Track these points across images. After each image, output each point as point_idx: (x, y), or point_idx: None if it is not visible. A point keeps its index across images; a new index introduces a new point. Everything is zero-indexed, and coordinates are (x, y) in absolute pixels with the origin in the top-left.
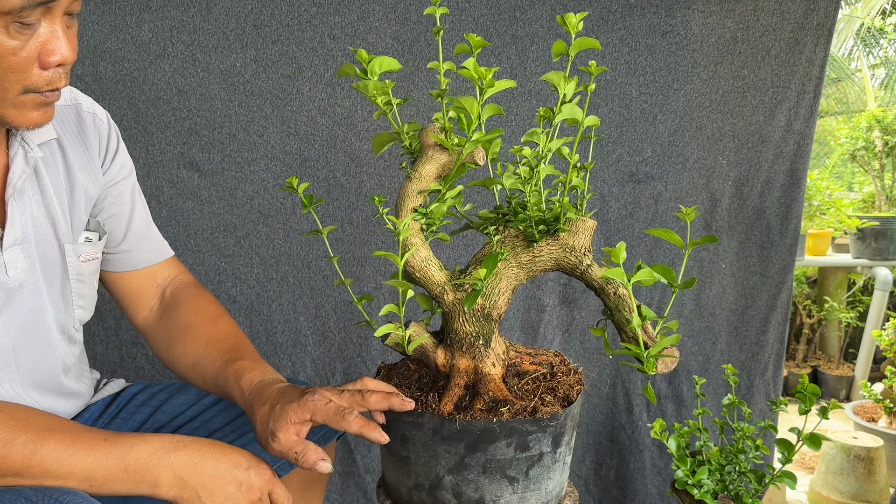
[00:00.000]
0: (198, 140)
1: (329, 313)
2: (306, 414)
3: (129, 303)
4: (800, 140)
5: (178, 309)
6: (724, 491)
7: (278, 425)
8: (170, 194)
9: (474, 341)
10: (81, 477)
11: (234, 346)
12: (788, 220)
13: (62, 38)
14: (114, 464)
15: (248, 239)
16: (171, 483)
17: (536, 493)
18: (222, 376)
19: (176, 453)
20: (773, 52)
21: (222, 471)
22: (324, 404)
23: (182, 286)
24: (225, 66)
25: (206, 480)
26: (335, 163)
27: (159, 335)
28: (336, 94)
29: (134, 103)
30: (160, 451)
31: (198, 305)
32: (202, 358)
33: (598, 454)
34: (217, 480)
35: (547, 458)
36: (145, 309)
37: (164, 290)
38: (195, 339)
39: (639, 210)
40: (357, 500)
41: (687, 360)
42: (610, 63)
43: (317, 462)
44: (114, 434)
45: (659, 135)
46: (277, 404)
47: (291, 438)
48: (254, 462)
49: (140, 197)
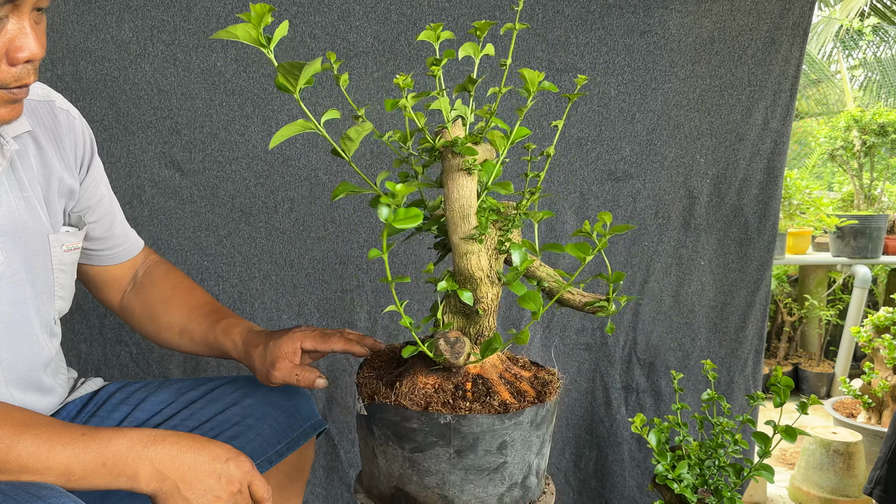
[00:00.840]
0: (179, 139)
1: (312, 311)
2: (296, 343)
3: (106, 290)
4: (777, 138)
5: (154, 285)
6: (703, 485)
7: (275, 357)
8: (151, 193)
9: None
10: (59, 472)
11: (215, 308)
12: (766, 217)
13: (30, 35)
14: (92, 458)
15: (230, 238)
16: (151, 476)
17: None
18: (212, 335)
19: (154, 446)
20: (749, 52)
21: (201, 463)
22: (310, 331)
23: (153, 264)
24: (206, 66)
25: (186, 473)
26: (317, 161)
27: (139, 311)
28: (317, 92)
29: (115, 103)
30: (138, 445)
31: (173, 280)
32: (188, 323)
33: (577, 447)
34: (196, 473)
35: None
36: (121, 291)
37: (136, 271)
38: (177, 308)
39: (618, 208)
40: (340, 493)
41: (666, 356)
42: (588, 63)
43: (315, 380)
44: (91, 429)
45: (637, 133)
46: (270, 341)
47: (288, 366)
48: (233, 454)
49: (112, 192)
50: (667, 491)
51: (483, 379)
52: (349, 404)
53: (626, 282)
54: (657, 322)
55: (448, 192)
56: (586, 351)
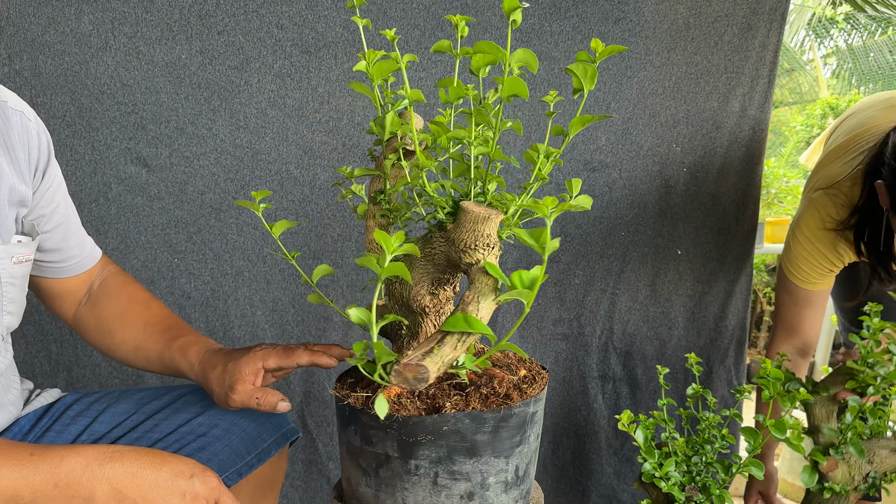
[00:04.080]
0: (144, 135)
1: (286, 307)
2: (258, 362)
3: (60, 303)
4: (755, 125)
5: (110, 298)
6: (690, 482)
7: (234, 379)
8: (118, 191)
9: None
10: (6, 496)
11: (172, 325)
12: (745, 205)
13: None
14: (42, 479)
15: (200, 234)
16: (108, 496)
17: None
18: (167, 353)
19: (112, 464)
20: (726, 38)
21: (163, 480)
22: (272, 348)
23: (110, 276)
24: (170, 59)
25: (147, 491)
26: (287, 155)
27: (93, 325)
28: (286, 85)
29: (77, 98)
30: (94, 463)
31: (129, 293)
32: (143, 341)
33: (555, 435)
34: (158, 490)
35: (394, 463)
36: (75, 303)
37: (91, 283)
38: (132, 324)
39: (594, 198)
40: (320, 487)
41: (643, 345)
42: (563, 50)
43: (277, 403)
44: (41, 447)
45: (613, 122)
46: (229, 362)
47: (248, 388)
48: (198, 470)
49: (69, 199)
50: (654, 489)
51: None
52: (327, 398)
53: (601, 271)
54: (633, 311)
55: None
56: (563, 341)
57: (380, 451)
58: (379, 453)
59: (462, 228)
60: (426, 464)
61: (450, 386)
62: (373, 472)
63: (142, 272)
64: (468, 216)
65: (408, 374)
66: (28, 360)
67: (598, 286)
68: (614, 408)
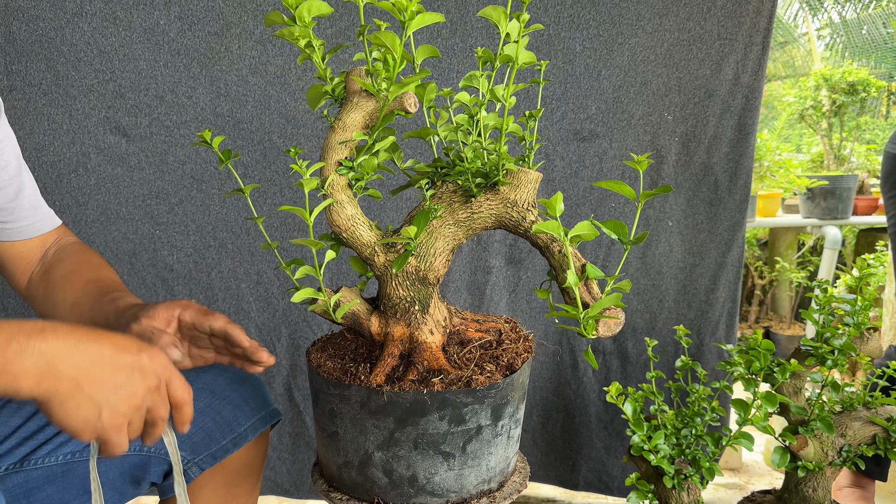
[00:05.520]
0: (123, 103)
1: (271, 279)
2: (175, 310)
3: (13, 270)
4: (748, 94)
5: (61, 262)
6: (680, 455)
7: (145, 314)
8: (97, 161)
9: (409, 307)
10: None
11: (115, 287)
12: (737, 176)
13: None
14: None
15: (182, 205)
16: (40, 374)
17: (476, 469)
18: (97, 305)
19: (43, 336)
20: (719, 3)
21: (107, 355)
22: (196, 305)
23: (66, 244)
24: (148, 24)
25: (89, 367)
26: (270, 124)
27: (41, 291)
28: (268, 51)
29: (53, 65)
30: (20, 336)
31: (81, 259)
32: (81, 297)
33: (544, 409)
34: (101, 366)
35: (486, 431)
36: (28, 272)
37: (46, 251)
38: (74, 283)
39: (584, 168)
40: (308, 458)
41: (633, 318)
42: (553, 16)
43: (169, 345)
44: None
45: (603, 91)
46: (148, 308)
47: (153, 323)
48: (144, 346)
49: (25, 164)
50: (643, 462)
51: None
52: None
53: (592, 244)
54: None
55: None
56: None
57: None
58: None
59: (523, 188)
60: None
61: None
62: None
63: (123, 244)
64: (528, 176)
65: (612, 324)
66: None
67: (588, 258)
68: (604, 381)
